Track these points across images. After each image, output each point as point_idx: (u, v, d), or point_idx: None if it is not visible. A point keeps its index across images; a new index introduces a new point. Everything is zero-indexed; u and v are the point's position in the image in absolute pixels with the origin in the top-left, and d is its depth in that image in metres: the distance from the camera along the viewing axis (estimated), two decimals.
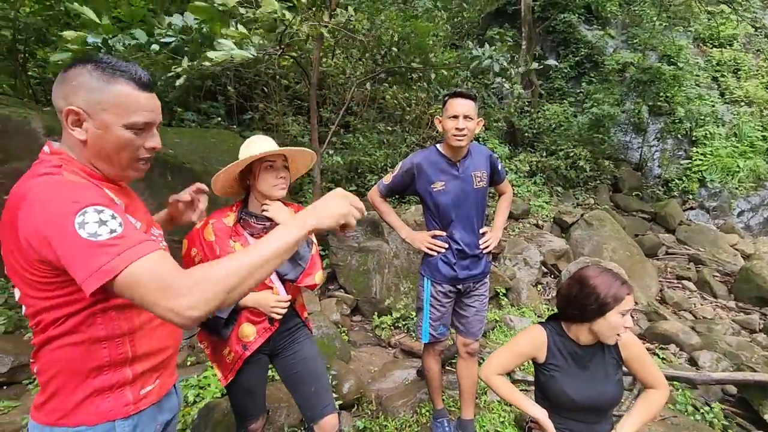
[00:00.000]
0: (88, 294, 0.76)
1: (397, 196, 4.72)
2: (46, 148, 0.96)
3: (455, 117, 1.88)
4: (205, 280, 0.75)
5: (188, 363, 2.93)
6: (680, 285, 5.39)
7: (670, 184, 7.97)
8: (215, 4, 2.08)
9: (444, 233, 2.02)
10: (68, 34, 2.27)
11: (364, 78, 5.27)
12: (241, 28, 2.03)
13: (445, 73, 5.08)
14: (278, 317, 1.56)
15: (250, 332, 1.56)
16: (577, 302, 1.50)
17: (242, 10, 2.18)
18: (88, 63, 0.92)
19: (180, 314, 0.74)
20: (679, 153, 8.21)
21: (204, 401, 2.53)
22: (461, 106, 1.88)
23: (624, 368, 1.58)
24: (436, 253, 2.02)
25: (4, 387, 2.84)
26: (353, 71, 6.08)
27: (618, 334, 1.44)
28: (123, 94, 0.92)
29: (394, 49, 5.04)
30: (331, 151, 5.11)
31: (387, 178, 2.10)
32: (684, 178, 7.88)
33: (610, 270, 1.51)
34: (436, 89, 5.49)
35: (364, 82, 5.10)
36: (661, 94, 7.92)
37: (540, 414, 1.53)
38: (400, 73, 5.83)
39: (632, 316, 1.51)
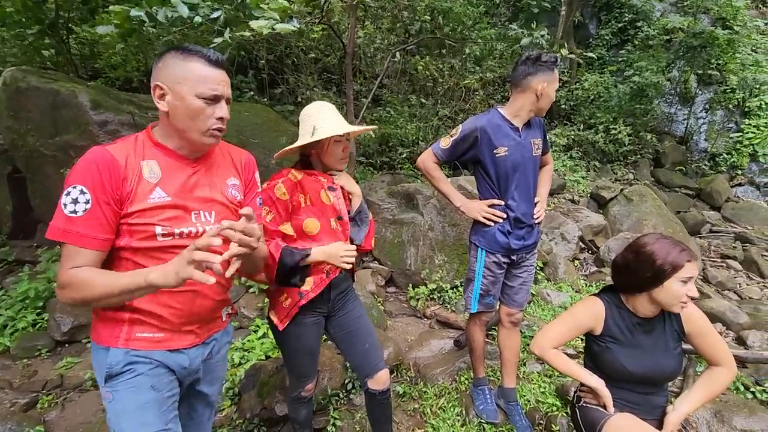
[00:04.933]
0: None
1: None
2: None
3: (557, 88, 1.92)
4: (72, 288, 1.03)
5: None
6: (724, 264, 5.15)
7: (717, 159, 7.52)
8: None
9: (502, 202, 1.95)
10: (114, 8, 2.32)
11: (396, 48, 5.12)
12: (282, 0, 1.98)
13: (478, 52, 4.86)
14: (348, 266, 1.60)
15: (308, 282, 1.60)
16: (633, 271, 1.45)
17: None
18: (172, 50, 1.11)
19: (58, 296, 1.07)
20: (729, 125, 7.68)
21: (249, 363, 2.64)
22: None
23: (685, 343, 1.52)
24: (492, 223, 1.96)
25: (66, 345, 3.05)
26: (382, 42, 5.91)
27: (683, 303, 1.39)
28: (195, 69, 1.09)
29: (427, 17, 4.85)
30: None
31: (444, 142, 1.98)
32: (733, 152, 7.40)
33: (669, 237, 1.44)
34: (472, 63, 5.29)
35: (396, 53, 4.96)
36: (713, 60, 7.34)
37: (598, 383, 1.51)
38: (433, 45, 5.62)
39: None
